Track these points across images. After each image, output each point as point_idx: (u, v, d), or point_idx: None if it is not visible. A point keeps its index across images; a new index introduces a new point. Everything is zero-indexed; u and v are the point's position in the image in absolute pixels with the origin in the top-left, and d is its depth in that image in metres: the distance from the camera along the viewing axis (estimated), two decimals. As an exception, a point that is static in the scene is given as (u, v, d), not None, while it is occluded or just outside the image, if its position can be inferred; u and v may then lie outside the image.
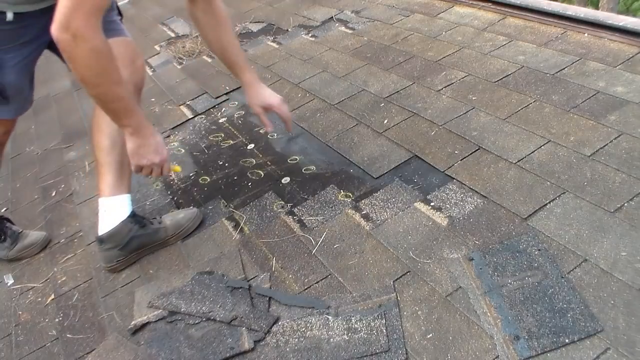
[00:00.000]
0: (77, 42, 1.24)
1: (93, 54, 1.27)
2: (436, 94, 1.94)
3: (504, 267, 1.22)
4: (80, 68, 1.30)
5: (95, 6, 1.26)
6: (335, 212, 1.56)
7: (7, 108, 1.60)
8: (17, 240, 1.81)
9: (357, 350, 1.15)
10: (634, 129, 1.51)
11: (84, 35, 1.24)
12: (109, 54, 1.31)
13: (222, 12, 1.69)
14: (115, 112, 1.40)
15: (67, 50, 1.26)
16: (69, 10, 1.21)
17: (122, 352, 1.34)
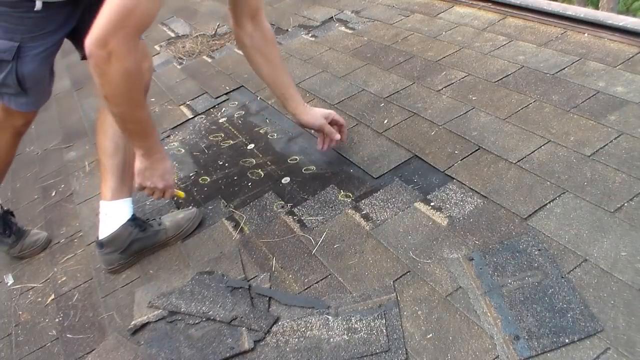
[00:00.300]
0: (111, 61, 1.21)
1: (124, 75, 1.25)
2: (436, 94, 1.94)
3: (504, 267, 1.22)
4: (108, 86, 1.28)
5: (138, 28, 1.24)
6: (335, 212, 1.56)
7: (25, 100, 1.57)
8: (20, 237, 1.81)
9: (357, 350, 1.15)
10: (634, 129, 1.51)
11: (119, 55, 1.21)
12: (139, 76, 1.30)
13: (270, 35, 1.67)
14: (131, 132, 1.40)
15: (99, 67, 1.23)
16: (110, 28, 1.19)
17: (122, 352, 1.34)
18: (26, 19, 1.41)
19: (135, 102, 1.33)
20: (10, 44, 1.43)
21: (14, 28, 1.41)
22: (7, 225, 1.78)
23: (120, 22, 1.19)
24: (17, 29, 1.42)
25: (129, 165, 1.61)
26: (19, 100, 1.54)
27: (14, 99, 1.53)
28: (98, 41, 1.19)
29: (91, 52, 1.21)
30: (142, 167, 1.44)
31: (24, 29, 1.42)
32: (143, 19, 1.23)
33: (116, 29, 1.18)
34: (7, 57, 1.44)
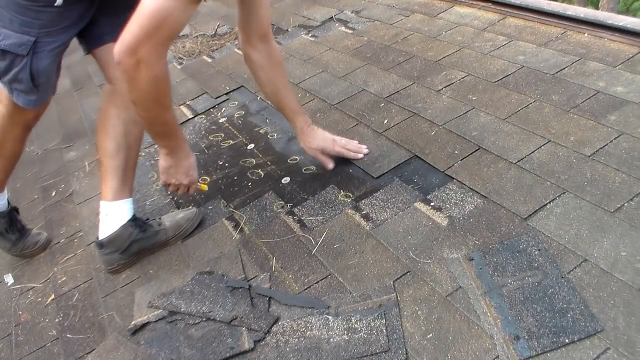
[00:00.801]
0: (139, 68, 1.24)
1: (154, 82, 1.28)
2: (436, 94, 1.94)
3: (504, 267, 1.22)
4: (137, 92, 1.30)
5: (168, 37, 1.26)
6: (335, 212, 1.56)
7: (35, 97, 1.54)
8: (23, 236, 1.81)
9: (357, 350, 1.15)
10: (634, 129, 1.51)
11: (149, 63, 1.24)
12: (168, 82, 1.33)
13: (278, 55, 1.68)
14: (157, 134, 1.46)
15: (128, 74, 1.26)
16: (140, 37, 1.21)
17: (122, 352, 1.34)
18: (44, 13, 1.38)
19: (163, 106, 1.36)
20: (27, 38, 1.40)
21: (30, 22, 1.38)
22: (12, 222, 1.77)
23: (151, 31, 1.21)
24: (34, 23, 1.39)
25: (130, 166, 1.61)
26: (29, 97, 1.52)
27: (24, 95, 1.51)
28: (128, 49, 1.21)
29: (120, 59, 1.23)
30: (167, 165, 1.51)
31: (40, 23, 1.40)
32: (174, 29, 1.25)
33: (147, 37, 1.20)
34: (22, 51, 1.40)
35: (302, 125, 1.72)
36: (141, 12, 1.21)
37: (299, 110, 1.73)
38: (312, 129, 1.72)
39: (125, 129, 1.58)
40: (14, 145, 1.68)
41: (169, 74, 1.33)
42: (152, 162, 2.13)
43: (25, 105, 1.54)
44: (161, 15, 1.20)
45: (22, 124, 1.63)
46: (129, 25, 1.22)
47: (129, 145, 1.59)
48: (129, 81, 1.28)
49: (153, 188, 1.97)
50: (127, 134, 1.58)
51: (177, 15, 1.23)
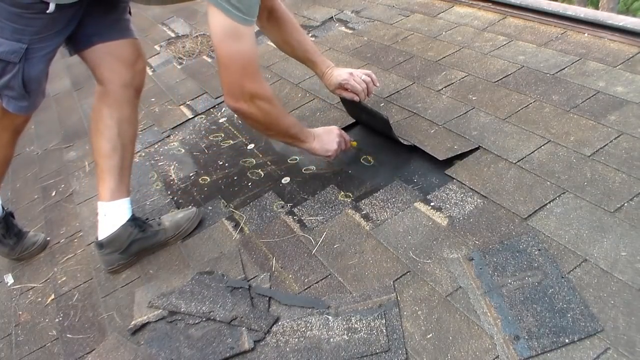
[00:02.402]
0: (254, 102, 1.41)
1: (269, 104, 1.45)
2: (436, 94, 1.94)
3: (504, 267, 1.22)
4: (263, 121, 1.48)
5: (254, 66, 1.41)
6: (335, 212, 1.56)
7: (26, 103, 1.53)
8: (20, 239, 1.81)
9: (357, 350, 1.15)
10: (634, 129, 1.51)
11: (257, 92, 1.42)
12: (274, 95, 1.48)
13: (285, 15, 1.74)
14: (294, 136, 1.58)
15: (249, 113, 1.44)
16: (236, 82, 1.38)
17: (122, 352, 1.34)
18: (37, 20, 1.38)
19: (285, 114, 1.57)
20: (19, 45, 1.39)
21: (22, 29, 1.38)
22: (8, 228, 1.77)
23: (240, 71, 1.37)
24: (26, 31, 1.38)
25: (126, 165, 1.61)
26: (20, 104, 1.52)
27: (14, 101, 1.50)
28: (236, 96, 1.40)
29: (237, 107, 1.42)
30: (321, 146, 1.63)
31: (32, 30, 1.39)
32: (253, 58, 1.40)
33: (241, 78, 1.38)
34: (14, 58, 1.40)
35: (323, 70, 1.80)
36: (225, 63, 1.37)
37: (317, 59, 1.80)
38: (330, 72, 1.79)
39: (119, 128, 1.58)
40: (4, 150, 1.67)
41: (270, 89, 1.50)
42: (152, 162, 2.13)
43: (16, 111, 1.53)
44: (240, 57, 1.36)
45: (11, 128, 1.62)
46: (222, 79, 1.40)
47: (123, 144, 1.59)
48: (253, 118, 1.46)
49: (153, 188, 1.97)
50: (122, 133, 1.58)
51: (249, 48, 1.38)
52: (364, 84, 1.75)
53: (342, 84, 1.75)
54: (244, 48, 1.36)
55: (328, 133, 1.65)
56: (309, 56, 1.79)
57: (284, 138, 1.60)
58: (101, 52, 1.55)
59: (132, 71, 1.59)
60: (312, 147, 1.61)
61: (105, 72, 1.57)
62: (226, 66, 1.37)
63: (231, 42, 1.34)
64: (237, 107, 1.41)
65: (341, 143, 1.66)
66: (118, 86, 1.57)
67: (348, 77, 1.74)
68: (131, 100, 1.61)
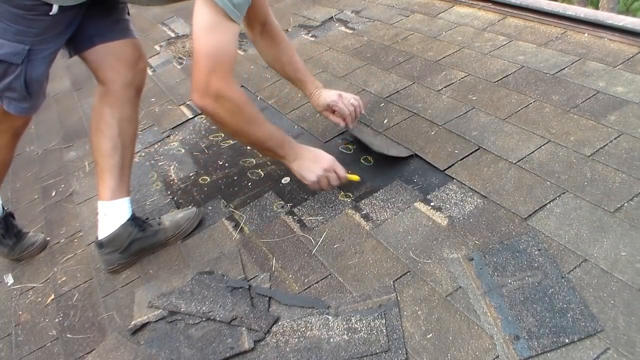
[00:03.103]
0: (220, 102, 1.33)
1: (237, 108, 1.37)
2: (436, 94, 1.94)
3: (504, 267, 1.22)
4: (230, 124, 1.40)
5: (228, 66, 1.35)
6: (335, 212, 1.56)
7: (27, 105, 1.53)
8: (20, 239, 1.81)
9: (357, 350, 1.15)
10: (634, 129, 1.51)
11: (224, 93, 1.33)
12: (249, 102, 1.41)
13: (278, 33, 1.74)
14: (270, 149, 1.49)
15: (213, 113, 1.36)
16: (205, 77, 1.30)
17: (122, 352, 1.34)
18: (39, 21, 1.38)
19: (257, 124, 1.44)
20: (21, 47, 1.39)
21: (25, 31, 1.38)
22: (8, 228, 1.77)
23: (212, 67, 1.30)
24: (28, 32, 1.38)
25: (126, 165, 1.61)
26: (21, 105, 1.51)
27: (16, 103, 1.50)
28: (201, 91, 1.32)
29: (200, 104, 1.34)
30: (298, 170, 1.51)
31: (34, 31, 1.39)
32: (230, 57, 1.34)
33: (211, 74, 1.31)
34: (17, 60, 1.40)
35: (312, 90, 1.80)
36: (197, 56, 1.31)
37: (307, 78, 1.80)
38: (319, 92, 1.79)
39: (120, 128, 1.58)
40: (4, 153, 1.67)
41: (246, 96, 1.41)
42: (152, 162, 2.13)
43: (17, 113, 1.53)
44: (215, 51, 1.30)
45: (10, 131, 1.62)
46: (193, 73, 1.32)
47: (124, 144, 1.59)
48: (218, 119, 1.39)
49: (153, 188, 1.97)
50: (122, 132, 1.58)
51: (227, 46, 1.33)
52: (352, 107, 1.76)
53: (330, 105, 1.76)
54: (222, 42, 1.31)
55: (314, 160, 1.50)
56: (299, 75, 1.80)
57: (260, 150, 1.53)
58: (102, 52, 1.55)
59: (133, 71, 1.59)
60: (290, 166, 1.52)
61: (107, 72, 1.57)
62: (198, 58, 1.31)
63: (210, 34, 1.30)
64: (201, 105, 1.34)
65: (323, 179, 1.50)
66: (119, 86, 1.57)
67: (337, 99, 1.75)
68: (132, 99, 1.61)
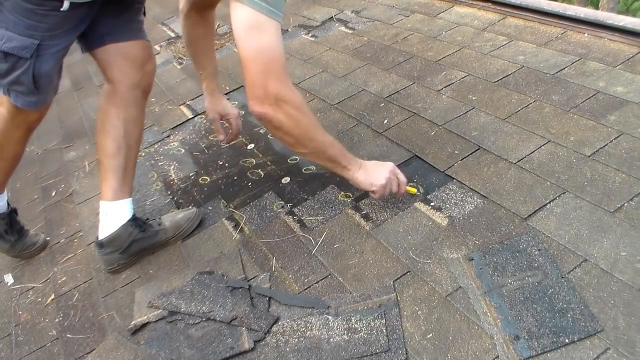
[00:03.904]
0: (280, 106, 1.27)
1: (299, 111, 1.30)
2: (436, 94, 1.94)
3: (504, 267, 1.22)
4: (293, 130, 1.31)
5: (280, 66, 1.28)
6: (335, 212, 1.56)
7: (35, 99, 1.51)
8: (22, 237, 1.80)
9: (357, 350, 1.15)
10: (634, 129, 1.51)
11: (284, 95, 1.27)
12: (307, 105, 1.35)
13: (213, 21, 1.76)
14: (333, 158, 1.40)
15: (273, 119, 1.28)
16: (261, 82, 1.24)
17: (122, 352, 1.34)
18: (50, 17, 1.37)
19: (317, 128, 1.35)
20: (30, 41, 1.38)
21: (35, 25, 1.37)
22: (12, 224, 1.77)
23: (265, 71, 1.25)
24: (38, 27, 1.38)
25: (130, 166, 1.61)
26: (28, 99, 1.51)
27: (23, 96, 1.49)
28: (260, 98, 1.26)
29: (261, 112, 1.27)
30: (366, 177, 1.42)
31: (45, 26, 1.38)
32: (280, 57, 1.28)
33: (266, 78, 1.25)
34: (25, 54, 1.39)
35: (214, 88, 1.84)
36: (247, 61, 1.25)
37: (214, 74, 1.84)
38: (221, 96, 1.86)
39: (125, 129, 1.58)
40: (15, 147, 1.67)
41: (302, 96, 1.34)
42: (152, 162, 2.13)
43: (24, 106, 1.52)
44: (264, 54, 1.25)
45: (24, 126, 1.61)
46: (245, 80, 1.27)
47: (129, 145, 1.59)
48: (279, 125, 1.30)
49: (153, 188, 1.97)
50: (127, 134, 1.58)
51: (275, 45, 1.26)
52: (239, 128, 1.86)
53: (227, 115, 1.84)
54: (268, 42, 1.25)
55: (378, 166, 1.44)
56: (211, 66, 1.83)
57: (322, 160, 1.41)
58: (112, 52, 1.55)
59: (141, 72, 1.59)
60: (355, 177, 1.42)
61: (115, 72, 1.57)
62: (248, 63, 1.25)
63: (254, 36, 1.24)
64: (262, 112, 1.27)
65: (392, 181, 1.43)
66: (126, 86, 1.57)
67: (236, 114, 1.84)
68: (138, 101, 1.61)
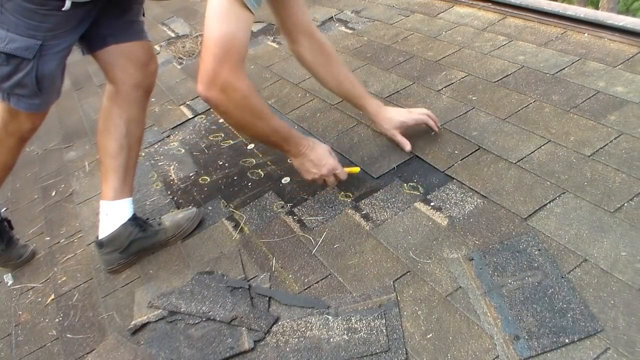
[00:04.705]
0: (226, 94, 1.28)
1: (243, 100, 1.32)
2: (436, 94, 1.94)
3: (504, 267, 1.22)
4: (235, 116, 1.35)
5: (239, 58, 1.29)
6: (335, 212, 1.56)
7: (38, 101, 1.50)
8: (9, 247, 1.77)
9: (357, 350, 1.15)
10: (634, 129, 1.51)
11: (232, 85, 1.28)
12: (256, 95, 1.36)
13: (328, 46, 1.65)
14: (275, 143, 1.46)
15: (219, 103, 1.30)
16: (215, 67, 1.25)
17: (122, 352, 1.34)
18: (51, 17, 1.37)
19: (263, 118, 1.39)
20: (33, 41, 1.37)
21: (37, 25, 1.37)
22: (1, 234, 1.74)
23: (223, 57, 1.25)
24: (40, 27, 1.37)
25: (131, 166, 1.62)
26: (31, 102, 1.49)
27: (25, 100, 1.48)
28: (209, 82, 1.26)
29: (206, 94, 1.28)
30: (299, 165, 1.52)
31: (47, 27, 1.38)
32: (242, 48, 1.28)
33: (221, 64, 1.25)
34: (28, 55, 1.38)
35: (375, 108, 1.70)
36: (208, 44, 1.25)
37: (367, 96, 1.72)
38: (386, 109, 1.70)
39: (127, 129, 1.58)
40: (7, 156, 1.65)
41: (254, 88, 1.35)
42: (152, 162, 2.13)
43: (27, 110, 1.51)
44: (227, 41, 1.24)
45: (17, 135, 1.59)
46: (201, 61, 1.26)
47: (130, 145, 1.59)
48: (223, 111, 1.34)
49: (153, 188, 1.97)
50: (129, 134, 1.59)
51: (240, 35, 1.27)
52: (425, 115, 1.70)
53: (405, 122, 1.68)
54: (234, 31, 1.25)
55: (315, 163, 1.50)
56: (357, 92, 1.70)
57: (265, 143, 1.50)
58: (114, 53, 1.55)
59: (143, 72, 1.59)
60: (292, 161, 1.53)
61: (117, 73, 1.57)
62: (207, 46, 1.25)
63: (222, 22, 1.24)
64: (207, 96, 1.28)
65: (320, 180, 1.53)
66: (128, 87, 1.57)
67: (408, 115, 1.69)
68: (140, 101, 1.62)
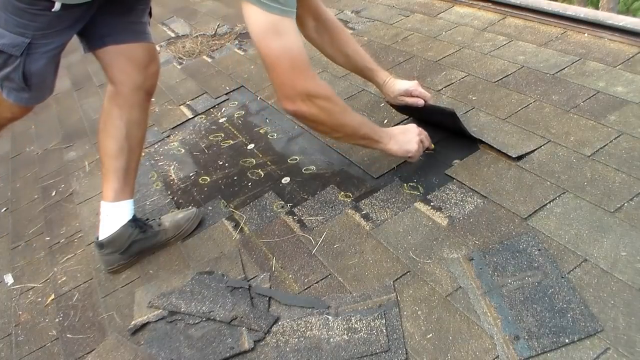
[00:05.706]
0: (312, 101, 1.28)
1: (329, 102, 1.32)
2: (436, 94, 1.94)
3: (504, 267, 1.22)
4: (327, 121, 1.38)
5: (305, 64, 1.30)
6: (335, 212, 1.56)
7: (27, 95, 1.50)
8: None
9: (357, 350, 1.15)
10: (634, 129, 1.51)
11: (313, 91, 1.28)
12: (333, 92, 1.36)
13: (335, 24, 1.67)
14: (366, 136, 1.47)
15: (307, 115, 1.31)
16: (288, 82, 1.26)
17: (122, 352, 1.34)
18: (41, 16, 1.37)
19: (349, 111, 1.41)
20: (21, 39, 1.37)
21: (26, 24, 1.36)
22: None
23: (290, 70, 1.26)
24: (29, 26, 1.37)
25: (132, 167, 1.61)
26: (21, 95, 1.49)
27: (15, 92, 1.48)
28: (291, 98, 1.27)
29: (294, 109, 1.30)
30: (399, 147, 1.51)
31: (36, 26, 1.38)
32: (303, 55, 1.28)
33: (292, 77, 1.26)
34: (15, 52, 1.38)
35: (384, 79, 1.73)
36: (271, 64, 1.27)
37: (375, 66, 1.74)
38: (393, 80, 1.73)
39: (127, 130, 1.58)
40: None
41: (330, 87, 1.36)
42: (152, 162, 2.13)
43: (17, 102, 1.50)
44: (286, 55, 1.26)
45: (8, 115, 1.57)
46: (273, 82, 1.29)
47: (130, 147, 1.59)
48: (314, 119, 1.34)
49: (153, 188, 1.97)
50: (130, 135, 1.58)
51: (295, 45, 1.27)
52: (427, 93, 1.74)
53: (410, 89, 1.70)
54: (288, 43, 1.25)
55: (405, 132, 1.53)
56: (367, 64, 1.72)
57: (355, 140, 1.49)
58: (113, 53, 1.55)
59: (144, 74, 1.58)
60: (389, 148, 1.50)
61: (117, 74, 1.56)
62: (273, 66, 1.26)
63: (273, 39, 1.24)
64: (295, 110, 1.30)
65: (422, 142, 1.55)
66: (129, 88, 1.57)
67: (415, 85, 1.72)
68: (142, 103, 1.61)
